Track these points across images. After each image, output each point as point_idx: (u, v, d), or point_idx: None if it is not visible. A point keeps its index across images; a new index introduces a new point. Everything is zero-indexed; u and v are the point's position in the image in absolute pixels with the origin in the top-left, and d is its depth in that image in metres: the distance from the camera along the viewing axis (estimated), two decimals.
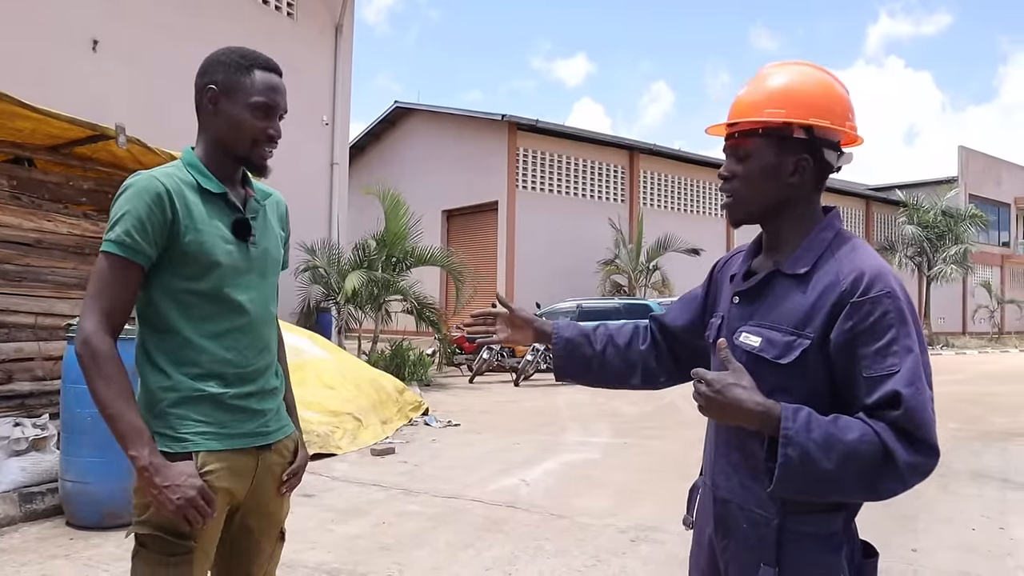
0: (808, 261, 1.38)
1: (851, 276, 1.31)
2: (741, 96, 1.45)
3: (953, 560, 4.02)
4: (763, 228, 1.50)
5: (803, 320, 1.34)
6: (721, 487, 1.45)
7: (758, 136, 1.40)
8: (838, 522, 1.34)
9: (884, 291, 1.29)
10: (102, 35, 10.43)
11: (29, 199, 5.38)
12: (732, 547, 1.42)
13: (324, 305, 13.26)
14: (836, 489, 1.26)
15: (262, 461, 1.73)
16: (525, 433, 7.95)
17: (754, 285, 1.44)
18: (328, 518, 4.65)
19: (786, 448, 1.22)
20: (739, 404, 1.27)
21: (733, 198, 1.45)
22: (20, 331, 5.30)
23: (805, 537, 1.32)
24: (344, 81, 14.69)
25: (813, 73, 1.43)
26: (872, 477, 1.22)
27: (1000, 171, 37.03)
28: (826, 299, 1.32)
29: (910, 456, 1.21)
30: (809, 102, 1.38)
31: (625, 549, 4.13)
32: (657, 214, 23.68)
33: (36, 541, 4.06)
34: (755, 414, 1.27)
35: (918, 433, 1.22)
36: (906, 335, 1.27)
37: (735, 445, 1.42)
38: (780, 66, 1.46)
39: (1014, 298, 34.43)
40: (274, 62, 1.74)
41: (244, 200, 1.75)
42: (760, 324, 1.39)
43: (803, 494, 1.28)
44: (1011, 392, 12.28)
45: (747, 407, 1.27)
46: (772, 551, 1.33)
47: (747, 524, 1.38)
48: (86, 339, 1.54)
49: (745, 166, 1.42)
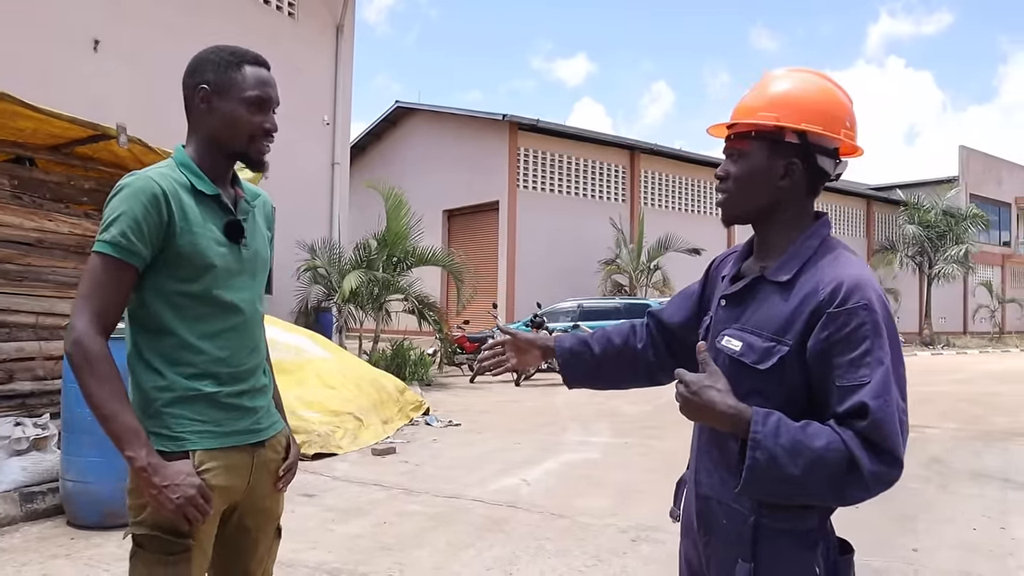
0: (791, 269, 1.40)
1: (830, 286, 1.33)
2: (744, 99, 1.49)
3: (954, 560, 4.01)
4: (754, 230, 1.53)
5: (783, 327, 1.36)
6: (703, 483, 1.48)
7: (752, 138, 1.44)
8: (813, 519, 1.36)
9: (861, 303, 1.30)
10: (103, 35, 10.44)
11: (30, 199, 5.38)
12: (713, 542, 1.45)
13: (325, 305, 13.26)
14: (802, 493, 1.29)
15: (257, 458, 1.73)
16: (526, 433, 7.96)
17: (739, 290, 1.47)
18: (329, 518, 4.65)
19: (754, 451, 1.26)
20: (712, 406, 1.31)
21: (726, 197, 1.50)
22: (21, 331, 5.30)
23: (781, 534, 1.35)
24: (345, 81, 14.70)
25: (815, 80, 1.46)
26: (838, 484, 1.25)
27: (1001, 171, 37.02)
28: (805, 308, 1.35)
29: (874, 465, 1.24)
30: (804, 108, 1.41)
31: (626, 549, 4.13)
32: (658, 214, 23.67)
33: (37, 541, 4.06)
34: (727, 416, 1.31)
35: (884, 444, 1.25)
36: (879, 347, 1.29)
37: (715, 443, 1.46)
38: (784, 72, 1.49)
39: (1015, 297, 34.42)
40: (261, 56, 1.74)
41: (235, 201, 1.75)
42: (743, 328, 1.42)
43: (769, 496, 1.32)
44: (1012, 392, 12.27)
45: (719, 409, 1.31)
46: (748, 547, 1.36)
47: (726, 520, 1.42)
48: (78, 339, 1.53)
49: (739, 167, 1.46)
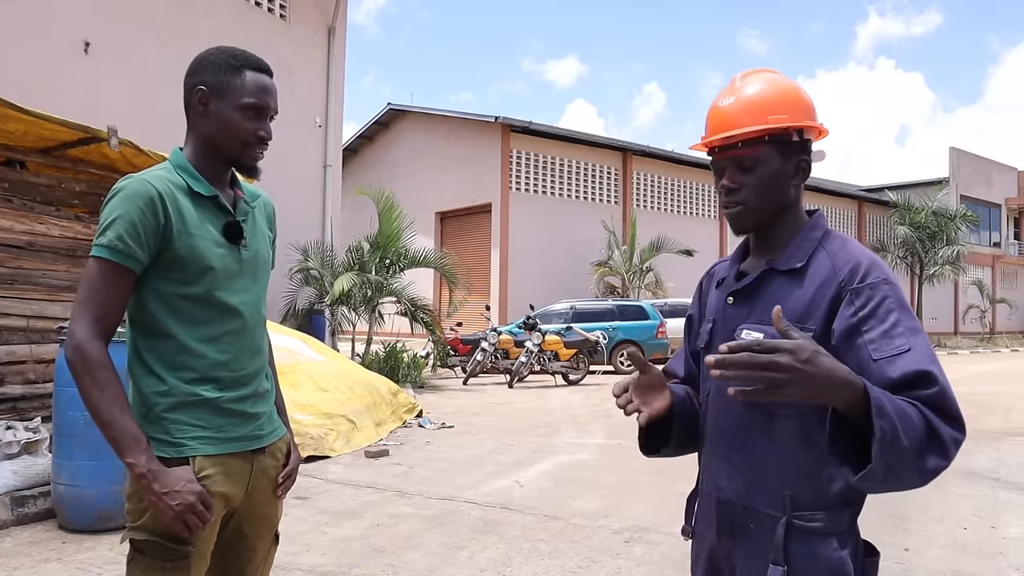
0: (802, 257, 1.39)
1: (848, 266, 1.33)
2: (727, 107, 1.43)
3: (945, 559, 4.03)
4: (756, 233, 1.49)
5: (804, 314, 1.34)
6: (725, 488, 1.43)
7: (764, 143, 1.40)
8: (845, 519, 1.33)
9: (881, 278, 1.31)
10: (94, 37, 10.39)
11: (21, 201, 5.36)
12: (738, 549, 1.40)
13: (318, 307, 13.24)
14: (908, 469, 1.16)
15: (257, 464, 1.72)
16: (519, 435, 7.96)
17: (749, 283, 1.44)
18: (322, 520, 4.64)
19: (880, 419, 1.12)
20: (833, 373, 1.13)
21: (743, 208, 1.43)
22: (12, 334, 5.28)
23: (813, 535, 1.31)
24: (337, 83, 14.67)
25: (785, 78, 1.47)
26: (923, 455, 1.16)
27: (991, 172, 37.26)
28: (825, 291, 1.33)
29: (950, 430, 1.18)
30: (800, 105, 1.42)
31: (619, 550, 4.14)
32: (650, 215, 23.73)
33: (28, 545, 4.04)
34: (847, 383, 1.14)
35: (951, 409, 1.20)
36: (909, 316, 1.28)
37: (736, 445, 1.41)
38: (754, 74, 1.46)
39: (1005, 298, 34.62)
40: (265, 62, 1.72)
41: (233, 202, 1.74)
42: (760, 321, 1.38)
43: (882, 479, 1.16)
44: (1003, 392, 12.35)
45: (840, 375, 1.14)
46: (781, 550, 1.31)
47: (753, 524, 1.37)
48: (77, 345, 1.52)
49: (754, 175, 1.41)
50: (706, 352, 1.52)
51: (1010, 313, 34.94)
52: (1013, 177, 38.79)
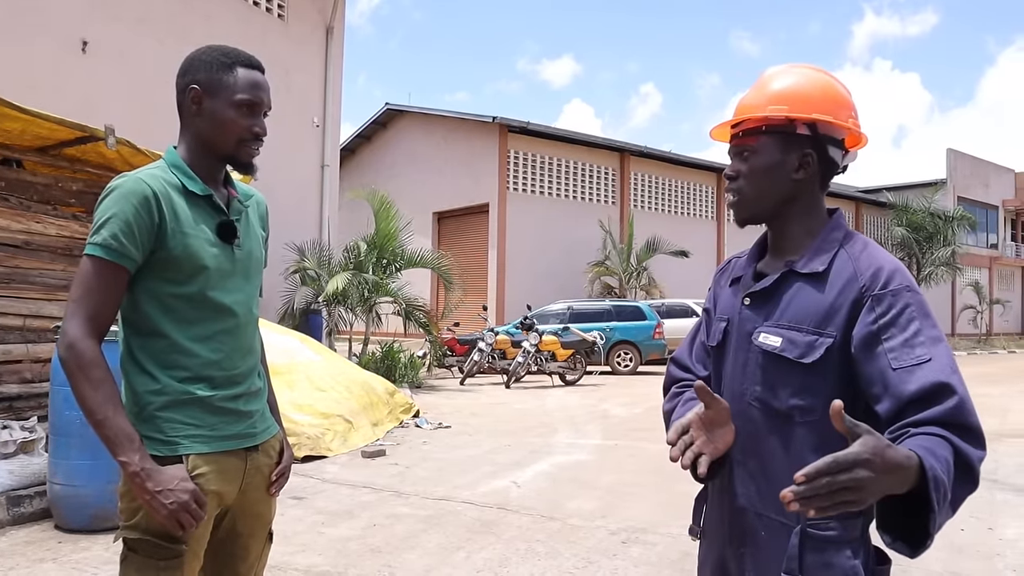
0: (824, 260, 1.36)
1: (870, 271, 1.31)
2: (744, 98, 1.46)
3: (943, 561, 4.03)
4: (769, 228, 1.48)
5: (824, 319, 1.32)
6: (740, 494, 1.41)
7: (762, 134, 1.40)
8: (858, 527, 1.31)
9: (904, 285, 1.28)
10: (91, 36, 10.38)
11: (17, 200, 5.35)
12: (750, 555, 1.39)
13: (314, 307, 13.24)
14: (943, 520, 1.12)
15: (250, 462, 1.72)
16: (516, 435, 7.95)
17: (768, 286, 1.41)
18: (319, 520, 4.63)
19: (938, 492, 1.06)
20: (898, 464, 1.03)
21: (739, 197, 1.44)
22: (8, 333, 5.27)
23: (828, 543, 1.29)
24: (335, 83, 14.67)
25: (815, 74, 1.45)
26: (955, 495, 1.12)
27: (988, 174, 37.33)
28: (846, 295, 1.31)
29: (975, 450, 1.15)
30: (811, 99, 1.39)
31: (616, 551, 4.14)
32: (647, 216, 23.75)
33: (24, 544, 4.03)
34: (908, 467, 1.05)
35: (971, 423, 1.16)
36: (931, 326, 1.25)
37: (751, 451, 1.39)
38: (784, 68, 1.47)
39: (1001, 299, 34.70)
40: (256, 59, 1.72)
41: (227, 201, 1.74)
42: (779, 324, 1.37)
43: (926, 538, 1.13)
44: (999, 393, 12.37)
45: (900, 460, 1.04)
46: (795, 559, 1.29)
47: (765, 532, 1.36)
48: (71, 344, 1.51)
49: (750, 164, 1.42)
50: (719, 351, 1.50)
51: (1007, 315, 34.97)
52: (1010, 179, 38.88)
